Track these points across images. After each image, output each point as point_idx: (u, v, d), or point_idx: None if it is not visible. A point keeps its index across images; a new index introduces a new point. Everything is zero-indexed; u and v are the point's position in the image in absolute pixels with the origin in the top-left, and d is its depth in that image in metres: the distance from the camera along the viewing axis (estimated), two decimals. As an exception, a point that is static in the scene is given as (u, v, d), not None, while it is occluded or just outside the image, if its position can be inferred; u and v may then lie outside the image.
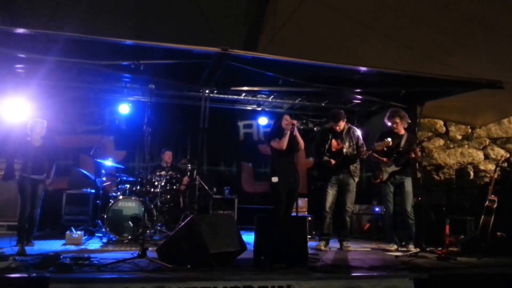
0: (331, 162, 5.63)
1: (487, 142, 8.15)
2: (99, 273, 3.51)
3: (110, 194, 6.38)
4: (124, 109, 7.52)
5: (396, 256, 5.00)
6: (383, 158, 5.70)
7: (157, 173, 6.79)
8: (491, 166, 7.87)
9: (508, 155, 7.91)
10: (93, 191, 7.05)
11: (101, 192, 6.60)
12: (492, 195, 5.36)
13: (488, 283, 4.00)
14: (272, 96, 7.77)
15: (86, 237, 5.97)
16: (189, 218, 4.13)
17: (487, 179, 7.66)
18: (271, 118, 8.31)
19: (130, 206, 5.97)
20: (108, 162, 6.56)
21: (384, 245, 5.82)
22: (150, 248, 4.31)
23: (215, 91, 7.23)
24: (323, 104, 7.92)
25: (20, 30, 4.52)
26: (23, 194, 5.37)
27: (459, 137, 8.21)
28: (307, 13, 5.53)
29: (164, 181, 6.66)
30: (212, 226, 4.01)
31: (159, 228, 6.40)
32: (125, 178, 6.47)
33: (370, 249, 5.82)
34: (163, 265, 3.77)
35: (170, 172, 6.92)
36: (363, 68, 5.56)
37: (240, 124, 8.94)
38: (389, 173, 5.69)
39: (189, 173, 7.03)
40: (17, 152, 5.48)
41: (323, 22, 5.74)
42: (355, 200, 5.85)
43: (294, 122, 5.75)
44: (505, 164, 7.67)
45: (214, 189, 7.60)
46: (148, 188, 6.44)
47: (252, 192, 8.73)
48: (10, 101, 6.52)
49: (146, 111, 4.60)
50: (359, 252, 5.54)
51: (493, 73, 5.58)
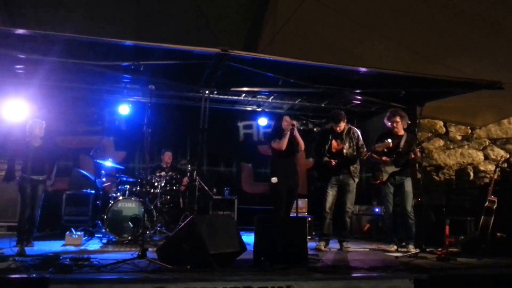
0: (332, 162, 5.62)
1: (487, 143, 8.14)
2: (99, 273, 3.51)
3: (110, 195, 6.38)
4: (124, 109, 7.52)
5: (396, 257, 4.99)
6: (383, 159, 5.70)
7: (157, 174, 6.80)
8: (491, 167, 7.87)
9: (508, 156, 7.91)
10: (93, 191, 7.05)
11: (101, 192, 6.61)
12: (492, 196, 5.37)
13: (488, 283, 4.00)
14: (272, 97, 7.77)
15: (86, 237, 5.97)
16: (189, 218, 4.13)
17: (487, 180, 7.66)
18: (271, 119, 8.32)
19: (130, 206, 5.97)
20: (108, 163, 6.56)
21: (384, 246, 5.82)
22: (150, 249, 4.32)
23: (215, 92, 7.23)
24: (323, 105, 7.92)
25: (20, 31, 4.52)
26: (23, 194, 5.39)
27: (459, 138, 8.21)
28: (307, 13, 5.53)
29: (164, 181, 6.67)
30: (212, 227, 4.01)
31: (159, 228, 6.40)
32: (125, 179, 6.48)
33: (370, 249, 5.82)
34: (163, 266, 3.77)
35: (170, 173, 6.93)
36: (363, 69, 5.56)
37: (240, 124, 8.94)
38: (388, 174, 5.69)
39: (189, 173, 7.03)
40: (17, 153, 5.49)
41: (323, 23, 5.74)
42: (355, 200, 5.85)
43: (294, 122, 5.75)
44: (505, 165, 7.67)
45: (214, 190, 7.60)
46: (148, 189, 6.45)
47: (252, 192, 8.73)
48: (10, 102, 6.53)
49: (146, 111, 4.60)
50: (359, 252, 5.54)
51: (493, 74, 5.58)
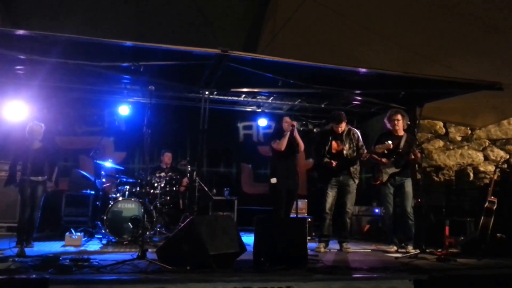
0: (332, 163, 5.62)
1: (487, 144, 8.14)
2: (98, 274, 3.51)
3: (110, 196, 6.37)
4: (124, 110, 7.52)
5: (396, 258, 4.99)
6: (383, 159, 5.70)
7: (157, 175, 6.80)
8: (490, 168, 7.86)
9: (507, 157, 7.90)
10: (92, 192, 7.05)
11: (100, 193, 6.60)
12: (492, 196, 5.37)
13: (488, 284, 4.00)
14: (271, 98, 7.77)
15: (85, 238, 5.97)
16: (188, 219, 4.13)
17: (486, 180, 7.64)
18: (271, 120, 8.33)
19: (129, 207, 5.97)
20: (108, 164, 6.55)
21: (384, 247, 5.82)
22: (149, 250, 4.32)
23: (215, 93, 7.23)
24: (322, 106, 7.91)
25: (21, 32, 4.52)
26: (22, 196, 5.40)
27: (459, 139, 8.21)
28: (306, 14, 5.54)
29: (164, 182, 6.67)
30: (211, 228, 4.00)
31: (158, 229, 6.40)
32: (124, 180, 6.47)
33: (370, 250, 5.82)
34: (163, 267, 3.76)
35: (170, 174, 6.93)
36: (362, 70, 5.56)
37: (240, 125, 8.94)
38: (388, 175, 5.69)
39: (188, 174, 7.02)
40: (17, 155, 5.50)
41: (322, 24, 5.76)
42: (355, 201, 5.84)
43: (294, 123, 5.76)
44: (505, 165, 7.66)
45: (214, 191, 7.60)
46: (148, 190, 6.44)
47: (252, 193, 8.73)
48: (10, 103, 6.53)
49: (146, 112, 4.59)
50: (358, 253, 5.53)
51: (492, 75, 5.59)
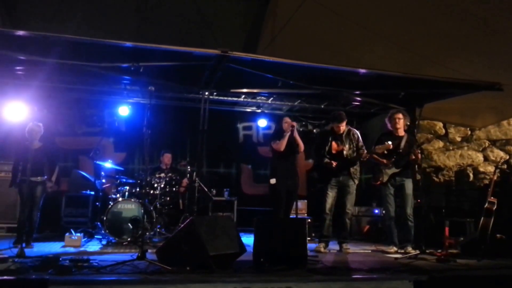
0: (333, 163, 5.62)
1: (487, 144, 8.14)
2: (98, 275, 3.51)
3: (110, 196, 6.36)
4: (123, 111, 7.52)
5: (396, 258, 4.99)
6: (383, 160, 5.70)
7: (157, 175, 6.79)
8: (490, 168, 7.87)
9: (507, 157, 7.91)
10: (92, 193, 7.05)
11: (100, 194, 6.60)
12: (492, 197, 5.38)
13: (487, 285, 4.00)
14: (271, 98, 7.77)
15: (85, 239, 5.97)
16: (188, 220, 4.13)
17: (486, 181, 7.65)
18: (271, 120, 8.34)
19: (129, 208, 5.97)
20: (108, 164, 6.55)
21: (384, 247, 5.81)
22: (149, 250, 4.33)
23: (215, 93, 7.23)
24: (322, 106, 7.91)
25: (20, 32, 4.52)
26: (21, 196, 5.43)
27: (459, 139, 8.21)
28: (306, 15, 5.54)
29: (164, 183, 6.67)
30: (211, 228, 4.00)
31: (158, 230, 6.40)
32: (124, 180, 6.47)
33: (369, 251, 5.82)
34: (163, 267, 3.76)
35: (170, 174, 6.93)
36: (362, 70, 5.56)
37: (240, 126, 8.94)
38: (389, 175, 5.69)
39: (188, 175, 7.03)
40: (18, 155, 5.50)
41: (322, 24, 5.75)
42: (354, 202, 5.85)
43: (294, 123, 5.76)
44: (505, 166, 7.67)
45: (214, 191, 7.58)
46: (148, 190, 6.44)
47: (252, 194, 8.72)
48: (10, 103, 6.54)
49: (146, 113, 4.59)
50: (358, 254, 5.53)
51: (492, 75, 5.59)
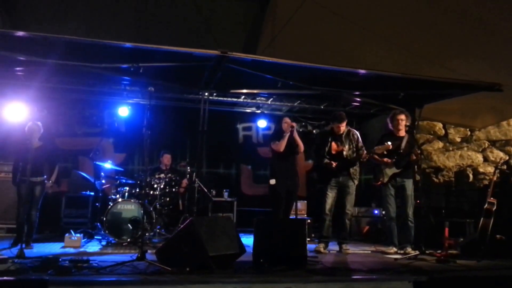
0: (333, 164, 5.62)
1: (486, 145, 8.14)
2: (98, 276, 3.50)
3: (109, 197, 6.37)
4: (123, 111, 7.53)
5: (395, 259, 5.00)
6: (384, 160, 5.70)
7: (156, 176, 6.79)
8: (490, 169, 7.87)
9: (507, 158, 7.91)
10: (92, 193, 7.05)
11: (100, 194, 6.60)
12: (491, 198, 5.38)
13: (487, 285, 3.99)
14: (271, 99, 7.78)
15: (85, 239, 5.97)
16: (188, 220, 4.12)
17: (486, 182, 7.65)
18: (270, 121, 8.34)
19: (129, 208, 5.97)
20: (108, 165, 6.56)
21: (383, 248, 5.81)
22: (149, 251, 4.32)
23: (215, 94, 7.24)
24: (322, 107, 7.92)
25: (20, 33, 4.52)
26: (20, 196, 5.41)
27: (458, 140, 8.21)
28: (306, 16, 5.55)
29: (163, 183, 6.67)
30: (211, 229, 4.00)
31: (158, 230, 6.40)
32: (124, 181, 6.47)
33: (369, 251, 5.81)
34: (162, 268, 3.76)
35: (169, 175, 6.93)
36: (362, 71, 5.57)
37: (239, 126, 8.94)
38: (390, 175, 5.69)
39: (188, 175, 7.03)
40: (18, 155, 5.50)
41: (322, 25, 5.76)
42: (354, 202, 5.84)
43: (294, 124, 5.77)
44: (504, 167, 7.66)
45: (213, 192, 7.59)
46: (147, 191, 6.43)
47: (251, 194, 8.73)
48: (10, 104, 6.54)
49: (146, 113, 4.60)
50: (358, 254, 5.53)
51: (492, 76, 5.59)
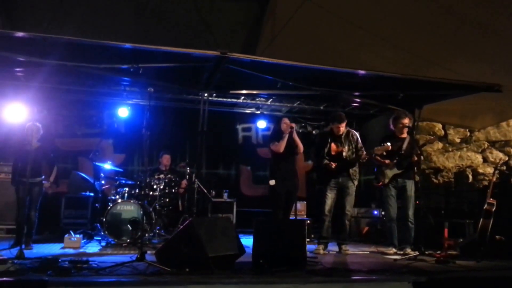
0: (332, 165, 5.62)
1: (486, 145, 8.14)
2: (97, 276, 3.50)
3: (109, 198, 6.37)
4: (123, 112, 7.53)
5: (395, 260, 5.00)
6: (386, 161, 5.70)
7: (156, 177, 6.79)
8: (489, 169, 7.86)
9: (506, 158, 7.90)
10: (92, 194, 7.06)
11: (100, 195, 6.61)
12: (491, 198, 5.38)
13: (487, 286, 4.00)
14: (270, 100, 7.78)
15: (84, 240, 5.97)
16: (187, 221, 4.13)
17: (486, 182, 7.64)
18: (270, 122, 8.34)
19: (129, 209, 5.97)
20: (107, 166, 6.56)
21: (383, 249, 5.81)
22: (148, 252, 4.32)
23: (214, 95, 7.23)
24: (321, 108, 7.93)
25: (20, 34, 4.52)
26: (18, 196, 5.43)
27: (458, 140, 8.21)
28: (305, 16, 5.55)
29: (163, 184, 6.67)
30: (210, 230, 4.00)
31: (157, 231, 6.40)
32: (124, 182, 6.48)
33: (368, 252, 5.82)
34: (162, 269, 3.76)
35: (169, 176, 6.93)
36: (361, 72, 5.57)
37: (239, 127, 8.95)
38: (391, 176, 5.69)
39: (187, 176, 7.03)
40: (16, 156, 5.50)
41: (322, 26, 5.76)
42: (353, 203, 5.84)
43: (293, 125, 5.77)
44: (504, 167, 7.66)
45: (213, 192, 7.59)
46: (147, 192, 6.44)
47: (251, 195, 8.73)
48: (10, 104, 6.54)
49: (145, 114, 4.61)
50: (357, 255, 5.53)
51: (491, 77, 5.60)
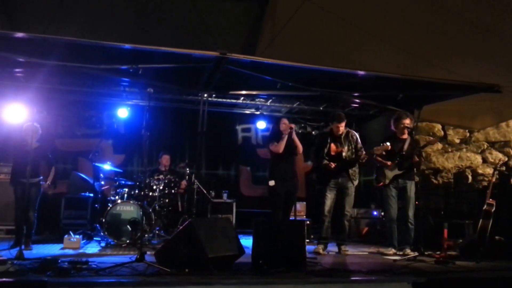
0: (332, 165, 5.62)
1: (485, 146, 8.14)
2: (97, 277, 3.50)
3: (109, 198, 6.37)
4: (122, 113, 7.53)
5: (394, 260, 5.00)
6: (387, 162, 5.70)
7: (155, 177, 6.79)
8: (489, 170, 7.86)
9: (506, 159, 7.91)
10: (91, 195, 7.05)
11: (99, 196, 6.60)
12: (490, 199, 5.38)
13: (486, 287, 4.00)
14: (270, 100, 7.78)
15: (84, 241, 5.97)
16: (187, 222, 4.13)
17: (485, 183, 7.65)
18: (270, 122, 8.33)
19: (128, 210, 5.97)
20: (107, 166, 6.56)
21: (382, 249, 5.81)
22: (148, 252, 4.32)
23: (214, 95, 7.23)
24: (321, 108, 7.92)
25: (20, 34, 4.53)
26: (17, 197, 5.43)
27: (457, 141, 8.21)
28: (305, 17, 5.55)
29: (163, 185, 6.67)
30: (210, 230, 4.00)
31: (157, 232, 6.40)
32: (123, 182, 6.47)
33: (368, 253, 5.82)
34: (161, 269, 3.76)
35: (168, 176, 6.93)
36: (361, 72, 5.57)
37: (239, 128, 8.95)
38: (391, 177, 5.69)
39: (187, 177, 7.02)
40: (16, 156, 5.49)
41: (321, 27, 5.76)
42: (353, 203, 5.84)
43: (292, 125, 5.77)
44: (503, 168, 7.67)
45: (213, 193, 7.58)
46: (147, 192, 6.44)
47: (251, 196, 8.73)
48: (10, 105, 6.54)
49: (145, 115, 4.61)
50: (357, 256, 5.53)
51: (491, 77, 5.60)
